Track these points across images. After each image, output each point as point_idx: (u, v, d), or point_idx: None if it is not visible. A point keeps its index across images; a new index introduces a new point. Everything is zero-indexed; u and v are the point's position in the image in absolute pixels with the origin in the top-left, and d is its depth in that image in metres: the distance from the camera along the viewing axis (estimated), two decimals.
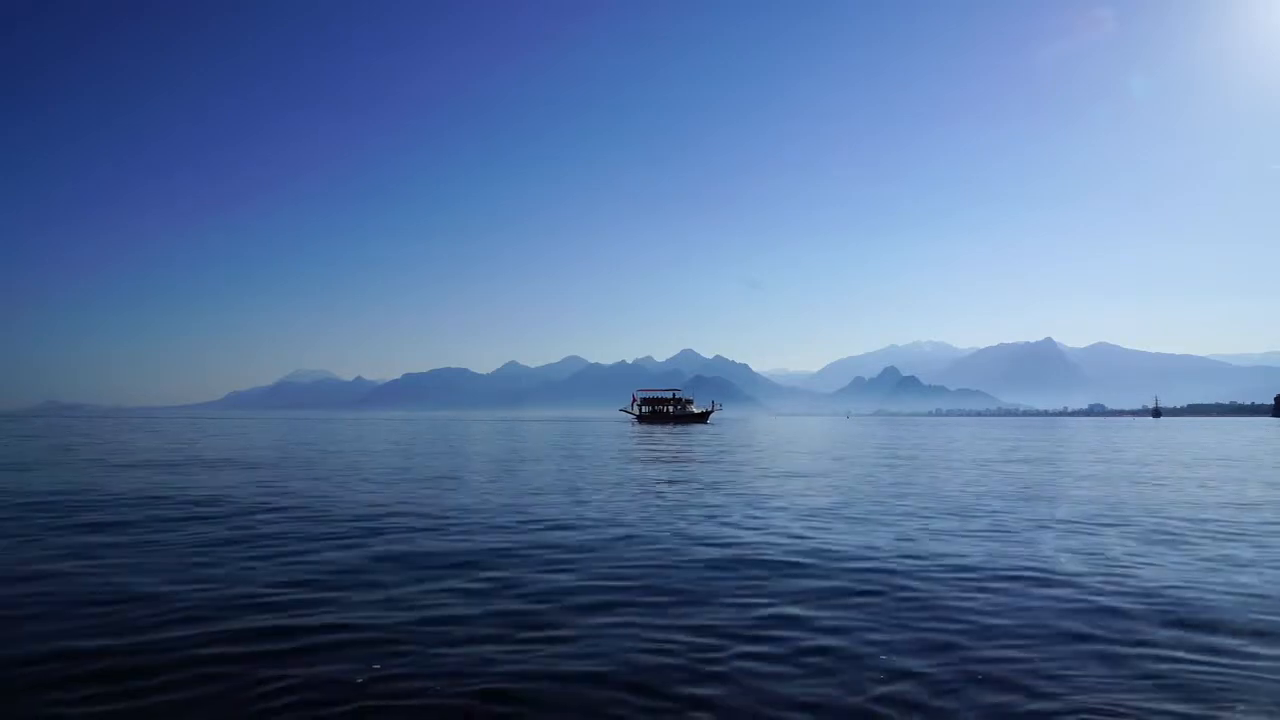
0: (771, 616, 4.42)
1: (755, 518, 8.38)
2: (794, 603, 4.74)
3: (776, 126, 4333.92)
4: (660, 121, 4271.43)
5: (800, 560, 6.01)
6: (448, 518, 8.34)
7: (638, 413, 72.37)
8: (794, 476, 13.84)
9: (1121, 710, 3.09)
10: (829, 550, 6.44)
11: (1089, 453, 23.69)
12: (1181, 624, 4.35)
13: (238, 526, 7.69)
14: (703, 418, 71.82)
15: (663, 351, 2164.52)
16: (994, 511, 9.09)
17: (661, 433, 41.33)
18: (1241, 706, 3.19)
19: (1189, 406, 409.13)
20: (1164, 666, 3.61)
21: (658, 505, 9.59)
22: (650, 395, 73.29)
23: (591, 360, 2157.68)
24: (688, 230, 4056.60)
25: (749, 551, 6.37)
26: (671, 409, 70.89)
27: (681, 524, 7.93)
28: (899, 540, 6.99)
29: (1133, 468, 16.89)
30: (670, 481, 12.69)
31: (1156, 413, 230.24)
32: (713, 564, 5.89)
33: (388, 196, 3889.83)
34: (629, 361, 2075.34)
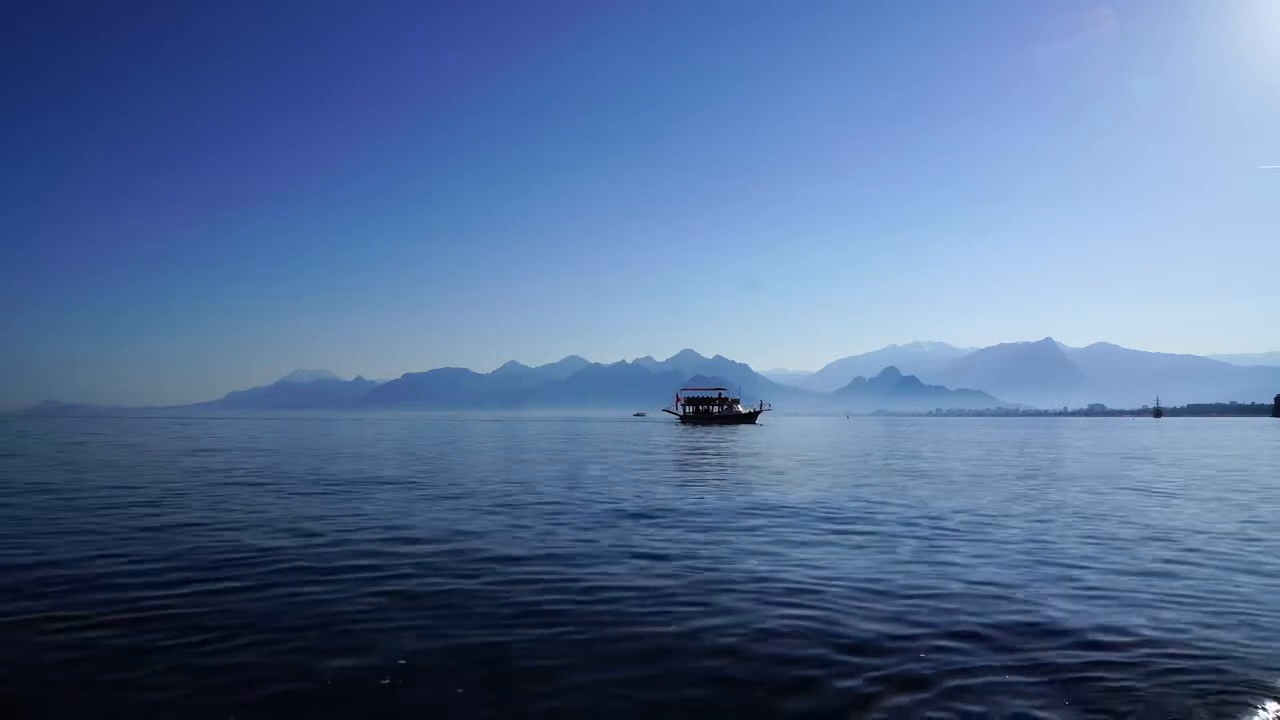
0: None
1: None
2: None
3: (776, 126, 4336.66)
4: (660, 121, 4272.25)
5: None
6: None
7: (682, 413, 70.18)
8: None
9: None
10: None
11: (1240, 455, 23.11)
12: None
13: None
14: (750, 418, 69.11)
15: (663, 351, 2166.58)
16: None
17: (729, 434, 38.58)
18: None
19: (1189, 406, 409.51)
20: None
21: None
22: (694, 395, 71.08)
23: (591, 360, 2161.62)
24: (688, 230, 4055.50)
25: None
26: (717, 409, 68.72)
27: None
28: None
29: None
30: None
31: (1157, 413, 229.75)
32: None
33: (388, 196, 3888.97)
34: (629, 361, 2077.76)
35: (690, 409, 69.96)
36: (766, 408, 73.05)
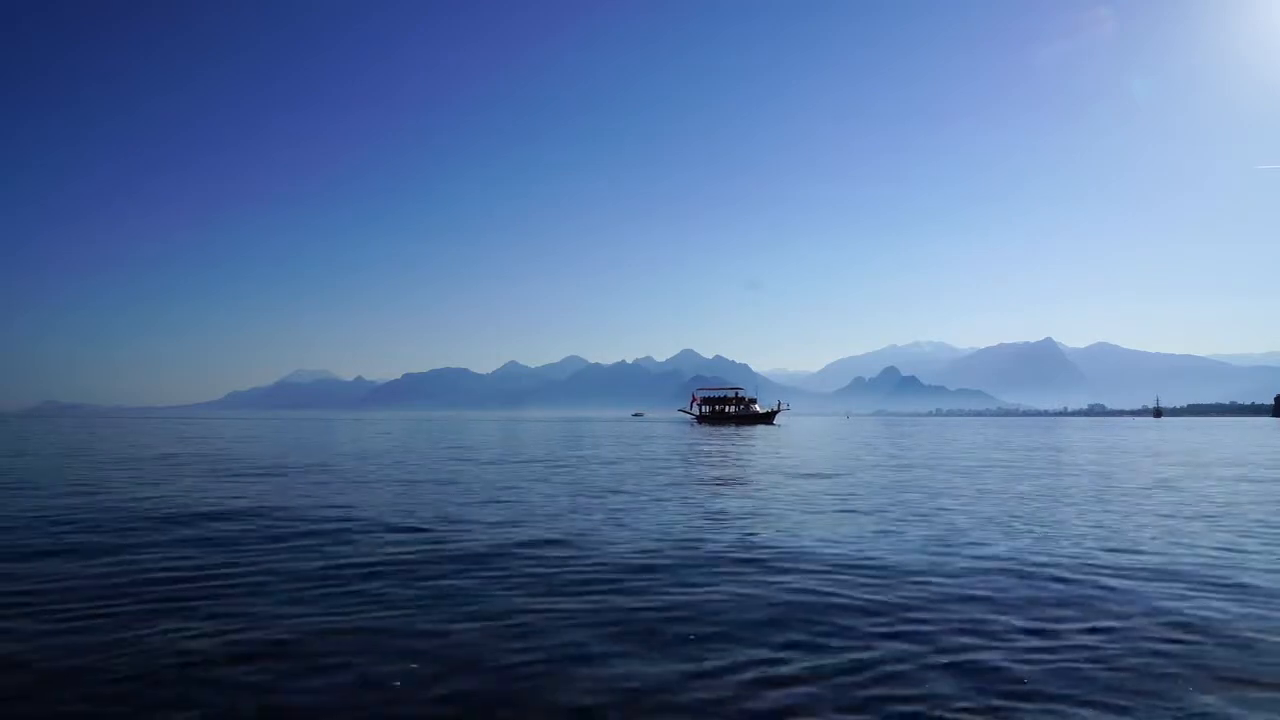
0: None
1: None
2: None
3: (776, 126, 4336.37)
4: (660, 121, 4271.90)
5: None
6: None
7: (698, 413, 69.81)
8: None
9: None
10: None
11: None
12: None
13: None
14: (768, 418, 68.20)
15: (663, 351, 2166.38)
16: None
17: (750, 436, 37.35)
18: None
19: (1189, 406, 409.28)
20: None
21: None
22: (710, 395, 70.65)
23: (591, 360, 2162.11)
24: (688, 230, 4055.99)
25: None
26: (733, 409, 68.12)
27: None
28: None
29: None
30: None
31: (1158, 413, 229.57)
32: None
33: (388, 196, 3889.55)
34: (629, 361, 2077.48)
35: (706, 409, 69.70)
36: (785, 408, 71.80)
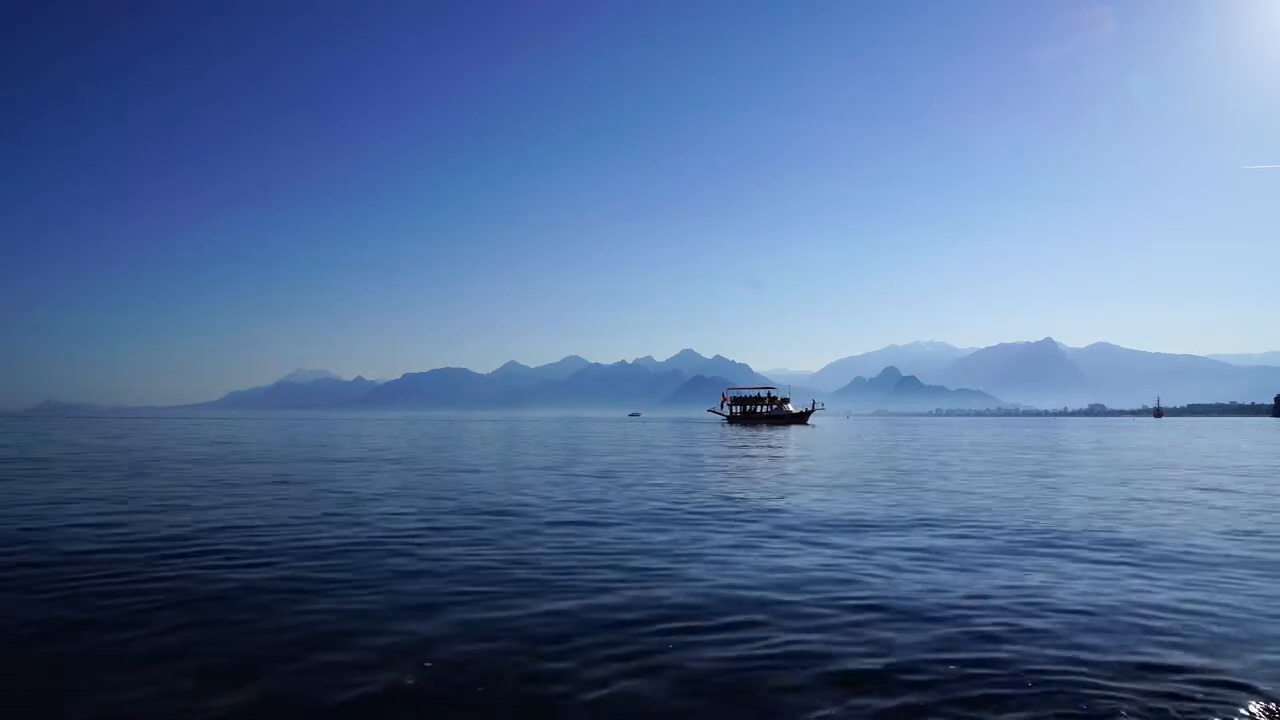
0: None
1: None
2: None
3: (776, 126, 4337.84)
4: (660, 121, 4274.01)
5: None
6: None
7: (728, 413, 69.61)
8: None
9: None
10: None
11: None
12: None
13: None
14: (802, 418, 67.28)
15: (663, 351, 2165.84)
16: None
17: (786, 436, 36.13)
18: None
19: (1189, 406, 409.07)
20: None
21: None
22: (741, 395, 70.46)
23: (591, 360, 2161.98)
24: (688, 230, 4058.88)
25: None
26: (765, 409, 67.71)
27: None
28: None
29: None
30: None
31: (1158, 413, 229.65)
32: None
33: (388, 196, 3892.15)
34: (629, 361, 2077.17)
35: (737, 409, 69.49)
36: (820, 407, 70.52)
